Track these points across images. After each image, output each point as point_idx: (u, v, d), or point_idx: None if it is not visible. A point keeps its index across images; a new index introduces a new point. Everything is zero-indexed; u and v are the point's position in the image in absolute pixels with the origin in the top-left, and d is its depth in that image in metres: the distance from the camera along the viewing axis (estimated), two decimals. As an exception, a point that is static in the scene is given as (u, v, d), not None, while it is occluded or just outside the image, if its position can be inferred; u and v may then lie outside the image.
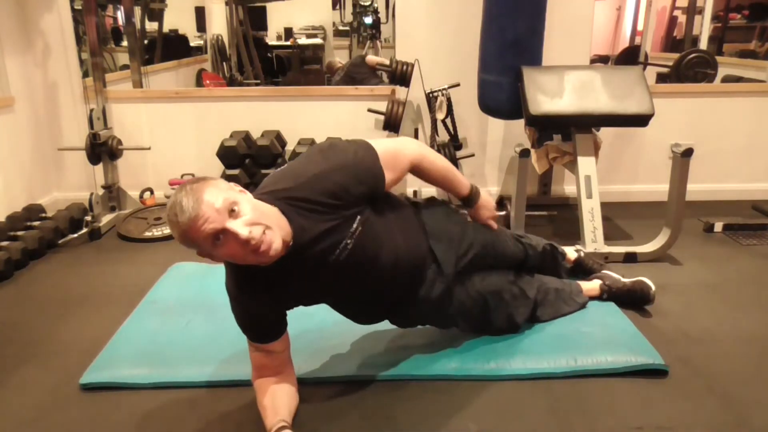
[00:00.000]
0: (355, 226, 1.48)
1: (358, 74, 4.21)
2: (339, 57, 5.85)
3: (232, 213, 1.28)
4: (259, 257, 1.32)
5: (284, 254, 1.40)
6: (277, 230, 1.34)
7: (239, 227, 1.27)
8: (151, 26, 4.78)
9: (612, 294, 2.17)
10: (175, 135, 3.53)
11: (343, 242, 1.47)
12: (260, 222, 1.31)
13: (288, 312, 1.59)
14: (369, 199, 1.53)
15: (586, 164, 2.72)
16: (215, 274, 2.51)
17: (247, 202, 1.33)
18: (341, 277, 1.54)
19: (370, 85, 3.86)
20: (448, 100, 3.26)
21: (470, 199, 1.81)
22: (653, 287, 2.16)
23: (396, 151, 1.61)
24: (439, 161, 1.71)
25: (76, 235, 2.98)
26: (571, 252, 2.33)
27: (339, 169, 1.46)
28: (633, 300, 2.17)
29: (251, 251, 1.30)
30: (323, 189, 1.44)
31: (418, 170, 1.67)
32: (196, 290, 2.35)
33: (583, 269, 2.30)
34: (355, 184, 1.47)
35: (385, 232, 1.58)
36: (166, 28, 4.92)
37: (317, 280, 1.53)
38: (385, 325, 2.02)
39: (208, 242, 1.29)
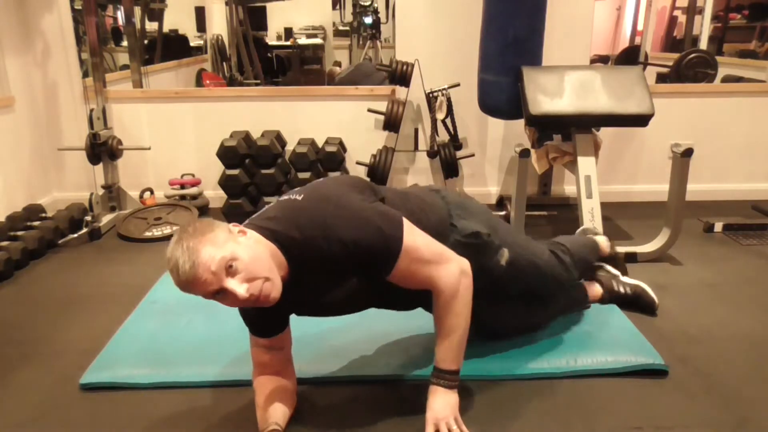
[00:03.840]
0: (353, 281, 1.44)
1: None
2: (339, 57, 5.87)
3: (229, 270, 1.26)
4: (260, 305, 1.33)
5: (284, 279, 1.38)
6: (276, 278, 1.32)
7: (237, 287, 1.26)
8: (151, 26, 4.78)
9: (612, 300, 2.17)
10: (175, 135, 3.53)
11: (337, 288, 1.44)
12: (258, 276, 1.28)
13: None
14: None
15: (586, 164, 2.72)
16: (215, 274, 2.52)
17: (244, 251, 1.28)
18: (342, 305, 1.54)
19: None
20: (448, 100, 3.26)
21: (440, 375, 1.50)
22: (656, 300, 2.16)
23: (430, 274, 1.42)
24: (460, 317, 1.46)
25: (76, 235, 2.98)
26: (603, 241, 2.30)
27: (345, 245, 1.34)
28: (636, 305, 2.17)
29: (251, 302, 1.30)
30: (325, 255, 1.35)
31: (433, 297, 1.47)
32: (196, 290, 2.35)
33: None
34: (354, 265, 1.38)
35: None
36: (166, 28, 4.92)
37: (315, 305, 1.53)
38: (385, 325, 2.02)
39: (208, 296, 1.30)
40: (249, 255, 1.28)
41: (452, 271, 1.44)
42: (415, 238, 1.41)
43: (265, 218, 1.41)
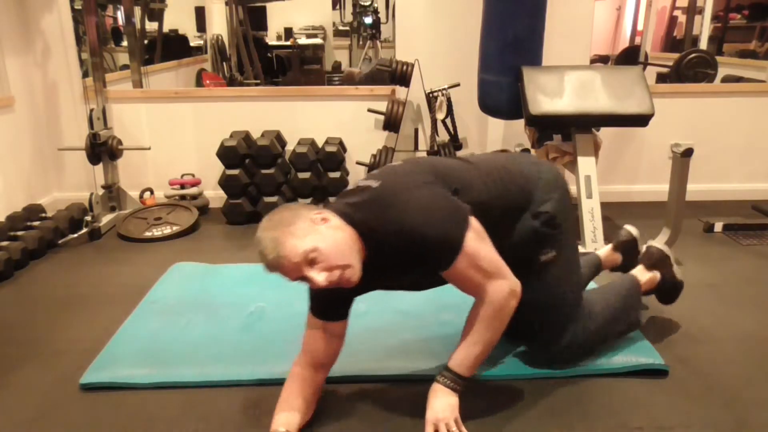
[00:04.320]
0: (419, 270, 1.51)
1: None
2: (339, 57, 5.87)
3: (310, 261, 1.35)
4: (342, 287, 1.41)
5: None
6: (355, 263, 1.40)
7: (316, 276, 1.36)
8: (151, 26, 4.78)
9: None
10: (175, 135, 3.53)
11: (404, 275, 1.54)
12: (338, 265, 1.37)
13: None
14: None
15: (586, 164, 2.72)
16: (215, 274, 2.52)
17: (325, 242, 1.36)
18: (406, 288, 1.65)
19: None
20: (448, 100, 3.27)
21: (449, 376, 1.52)
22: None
23: (482, 284, 1.46)
24: (494, 333, 1.50)
25: (76, 235, 2.99)
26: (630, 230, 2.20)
27: (413, 239, 1.39)
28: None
29: (333, 285, 1.38)
30: (395, 245, 1.42)
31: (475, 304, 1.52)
32: (196, 290, 2.35)
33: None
34: (419, 257, 1.44)
35: None
36: (166, 28, 4.92)
37: (381, 286, 1.61)
38: (385, 324, 2.02)
39: (293, 280, 1.40)
40: (329, 245, 1.36)
41: (503, 288, 1.47)
42: (479, 244, 1.45)
43: (345, 203, 1.48)
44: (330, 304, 1.56)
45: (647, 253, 2.07)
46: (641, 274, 2.01)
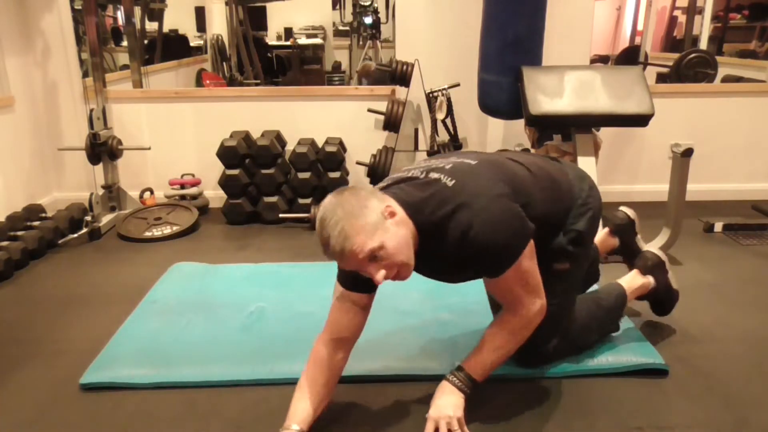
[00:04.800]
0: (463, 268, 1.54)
1: None
2: (339, 57, 5.87)
3: (373, 258, 1.35)
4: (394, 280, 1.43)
5: None
6: (411, 261, 1.42)
7: (375, 273, 1.36)
8: (151, 26, 4.78)
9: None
10: (175, 135, 3.53)
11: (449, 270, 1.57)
12: (398, 263, 1.38)
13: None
14: None
15: (586, 164, 2.71)
16: (215, 274, 2.52)
17: (391, 240, 1.36)
18: (446, 280, 1.65)
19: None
20: (448, 100, 3.26)
21: (460, 376, 1.54)
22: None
23: (519, 299, 1.51)
24: (514, 344, 1.56)
25: (76, 235, 2.98)
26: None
27: (475, 249, 1.41)
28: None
29: (388, 279, 1.40)
30: (451, 248, 1.43)
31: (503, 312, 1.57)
32: (196, 290, 2.35)
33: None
34: (470, 261, 1.47)
35: None
36: (166, 28, 4.92)
37: (423, 273, 1.60)
38: (384, 324, 2.02)
39: (348, 269, 1.42)
40: (394, 244, 1.37)
41: (536, 307, 1.53)
42: (530, 263, 1.49)
43: (412, 193, 1.47)
44: (358, 275, 1.50)
45: (642, 258, 2.06)
46: (634, 278, 2.00)
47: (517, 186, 1.52)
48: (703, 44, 4.54)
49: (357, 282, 1.51)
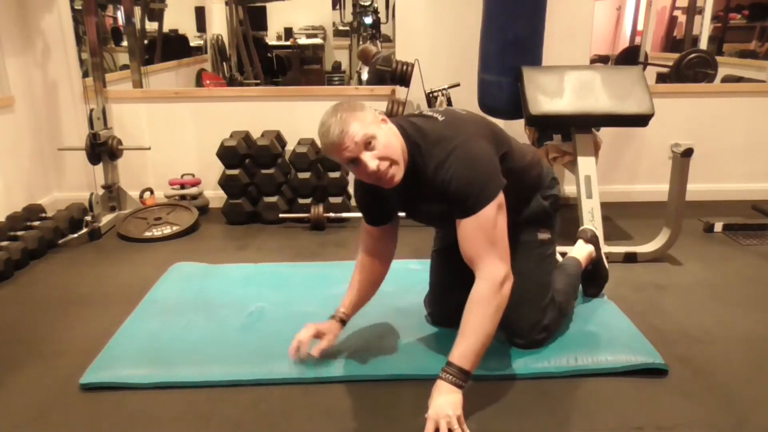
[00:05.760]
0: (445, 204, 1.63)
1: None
2: (339, 57, 5.87)
3: (368, 145, 1.51)
4: (383, 184, 1.58)
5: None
6: (401, 164, 1.57)
7: (370, 160, 1.51)
8: (151, 26, 4.78)
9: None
10: (175, 135, 3.53)
11: (434, 203, 1.66)
12: (389, 157, 1.53)
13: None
14: None
15: (586, 164, 2.71)
16: (215, 274, 2.52)
17: (383, 136, 1.54)
18: (435, 220, 1.85)
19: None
20: (448, 100, 3.26)
21: (451, 371, 1.51)
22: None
23: (483, 253, 1.54)
24: (490, 320, 1.52)
25: (76, 235, 2.98)
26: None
27: (449, 177, 1.54)
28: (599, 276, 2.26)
29: (377, 179, 1.55)
30: (433, 172, 1.57)
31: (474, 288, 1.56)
32: (196, 290, 2.35)
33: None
34: (445, 193, 1.57)
35: None
36: (166, 28, 4.92)
37: (414, 208, 1.77)
38: (384, 324, 2.02)
39: (345, 162, 1.55)
40: (385, 140, 1.54)
41: (501, 268, 1.55)
42: (498, 214, 1.55)
43: (407, 120, 1.66)
44: (379, 211, 1.77)
45: (583, 231, 2.33)
46: (583, 246, 2.25)
47: (498, 136, 1.69)
48: (703, 44, 4.53)
49: (379, 217, 1.78)
